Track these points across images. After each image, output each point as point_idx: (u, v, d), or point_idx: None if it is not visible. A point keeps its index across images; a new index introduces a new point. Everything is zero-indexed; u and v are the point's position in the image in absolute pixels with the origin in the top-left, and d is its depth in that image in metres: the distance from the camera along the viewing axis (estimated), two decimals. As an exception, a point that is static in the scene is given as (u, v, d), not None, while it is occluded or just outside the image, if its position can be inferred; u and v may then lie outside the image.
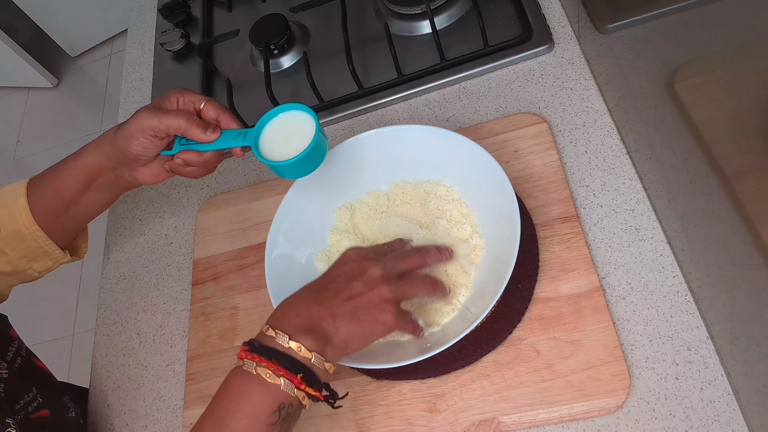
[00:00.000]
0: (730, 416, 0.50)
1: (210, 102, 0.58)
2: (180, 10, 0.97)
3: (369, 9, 0.86)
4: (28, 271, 0.63)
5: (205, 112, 0.58)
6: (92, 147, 0.59)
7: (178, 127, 0.56)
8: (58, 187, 0.60)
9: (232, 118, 0.58)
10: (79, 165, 0.59)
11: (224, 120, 0.58)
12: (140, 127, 0.56)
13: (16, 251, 0.61)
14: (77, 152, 0.60)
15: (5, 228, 0.59)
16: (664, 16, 0.51)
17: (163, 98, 0.59)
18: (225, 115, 0.58)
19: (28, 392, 0.60)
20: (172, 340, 0.72)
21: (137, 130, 0.56)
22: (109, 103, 2.41)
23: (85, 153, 0.59)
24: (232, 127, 0.58)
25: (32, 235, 0.60)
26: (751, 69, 0.40)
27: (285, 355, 0.46)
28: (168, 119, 0.56)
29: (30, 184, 0.60)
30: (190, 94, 0.58)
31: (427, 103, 0.76)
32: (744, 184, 0.44)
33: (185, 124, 0.56)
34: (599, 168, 0.64)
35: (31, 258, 0.62)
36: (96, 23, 2.45)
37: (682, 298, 0.56)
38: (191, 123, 0.56)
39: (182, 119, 0.56)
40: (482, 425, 0.55)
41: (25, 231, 0.59)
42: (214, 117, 0.58)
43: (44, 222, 0.60)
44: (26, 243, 0.60)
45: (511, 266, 0.53)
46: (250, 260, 0.72)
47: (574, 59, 0.72)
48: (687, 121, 0.50)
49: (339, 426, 0.59)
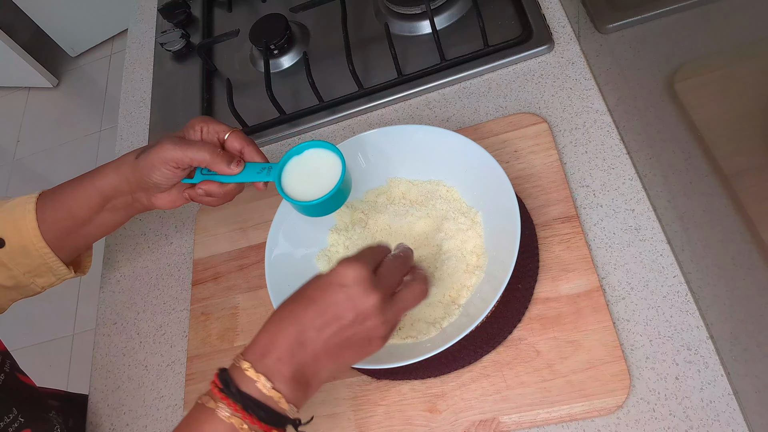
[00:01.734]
0: (730, 416, 0.50)
1: (234, 133, 0.57)
2: (180, 10, 0.97)
3: (369, 9, 0.86)
4: (30, 286, 0.62)
5: (229, 143, 0.57)
6: (110, 169, 0.58)
7: (202, 159, 0.55)
8: (70, 207, 0.59)
9: (256, 151, 0.58)
10: (95, 186, 0.58)
11: (248, 152, 0.57)
12: (163, 158, 0.55)
13: (21, 266, 0.60)
14: (93, 172, 0.59)
15: (11, 243, 0.58)
16: (664, 16, 0.51)
17: (187, 127, 0.58)
18: (249, 148, 0.57)
19: (8, 413, 0.58)
20: (172, 340, 0.72)
21: (160, 160, 0.55)
22: (109, 103, 2.41)
23: (102, 175, 0.58)
24: (256, 160, 0.57)
25: (39, 251, 0.59)
26: (751, 69, 0.40)
27: (264, 407, 0.42)
28: (192, 152, 0.55)
29: (40, 200, 0.59)
30: (215, 124, 0.57)
31: (427, 103, 0.76)
32: (744, 184, 0.44)
33: (209, 157, 0.55)
34: (599, 168, 0.64)
35: (35, 274, 0.61)
36: (96, 23, 2.45)
37: (682, 298, 0.56)
38: (215, 156, 0.55)
39: (206, 152, 0.55)
40: (482, 425, 0.55)
41: (31, 247, 0.58)
42: (238, 149, 0.57)
43: (52, 239, 0.59)
44: (31, 259, 0.59)
45: (511, 266, 0.53)
46: (250, 260, 0.72)
47: (574, 59, 0.72)
48: (687, 121, 0.50)
49: (339, 426, 0.59)
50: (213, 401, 0.42)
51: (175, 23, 0.97)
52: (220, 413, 0.42)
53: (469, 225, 0.61)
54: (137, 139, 0.90)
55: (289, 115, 0.81)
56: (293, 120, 0.81)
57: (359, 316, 0.45)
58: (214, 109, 0.88)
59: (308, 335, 0.44)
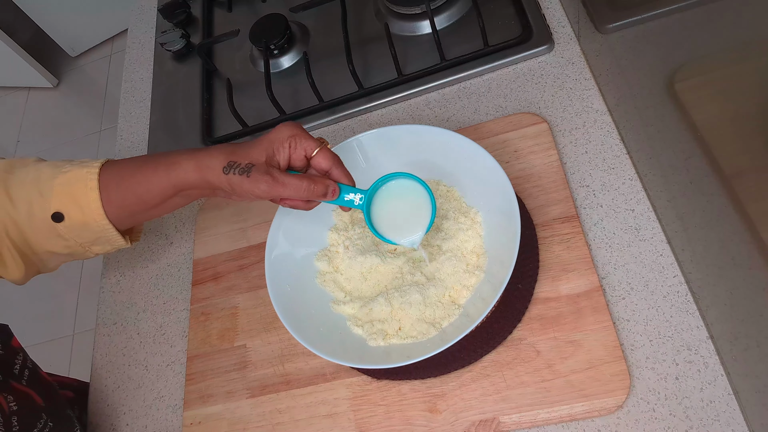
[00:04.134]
0: (730, 416, 0.50)
1: (323, 151, 0.56)
2: (180, 10, 0.97)
3: (369, 9, 0.86)
4: (85, 253, 0.62)
5: (316, 162, 0.56)
6: (190, 167, 0.56)
7: (298, 199, 0.56)
8: (140, 193, 0.57)
9: (344, 173, 0.57)
10: (171, 179, 0.56)
11: (336, 175, 0.57)
12: (256, 194, 0.55)
13: (79, 238, 0.59)
14: (169, 162, 0.56)
15: (71, 218, 0.57)
16: (664, 16, 0.51)
17: (276, 143, 0.56)
18: (338, 171, 0.57)
19: (38, 420, 0.58)
20: (172, 340, 0.72)
21: (253, 195, 0.55)
22: (109, 103, 2.41)
23: (181, 169, 0.56)
24: (344, 182, 0.57)
25: (101, 227, 0.58)
26: (751, 69, 0.40)
27: None
28: (287, 192, 0.54)
29: (103, 177, 0.57)
30: (304, 140, 0.56)
31: (427, 103, 0.76)
32: (744, 184, 0.44)
33: (304, 196, 0.55)
34: (599, 168, 0.64)
35: (93, 243, 0.61)
36: (96, 23, 2.45)
37: (682, 298, 0.56)
38: (310, 194, 0.55)
39: (301, 192, 0.54)
40: (482, 425, 0.55)
41: (93, 224, 0.58)
42: (325, 169, 0.56)
43: (116, 218, 0.59)
44: (91, 233, 0.59)
45: (512, 266, 0.53)
46: (250, 260, 0.72)
47: (574, 59, 0.72)
48: (687, 121, 0.50)
49: (339, 426, 0.59)
50: None
51: (175, 23, 0.97)
52: None
53: (469, 225, 0.61)
54: (137, 139, 0.90)
55: (289, 115, 0.81)
56: (293, 120, 0.81)
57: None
58: (214, 109, 0.88)
59: None
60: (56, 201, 0.56)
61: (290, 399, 0.62)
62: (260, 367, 0.65)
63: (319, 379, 0.62)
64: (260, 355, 0.66)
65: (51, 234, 0.58)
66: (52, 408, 0.61)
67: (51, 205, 0.56)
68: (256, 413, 0.63)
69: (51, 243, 0.59)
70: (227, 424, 0.63)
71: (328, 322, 0.61)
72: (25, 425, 0.56)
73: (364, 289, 0.63)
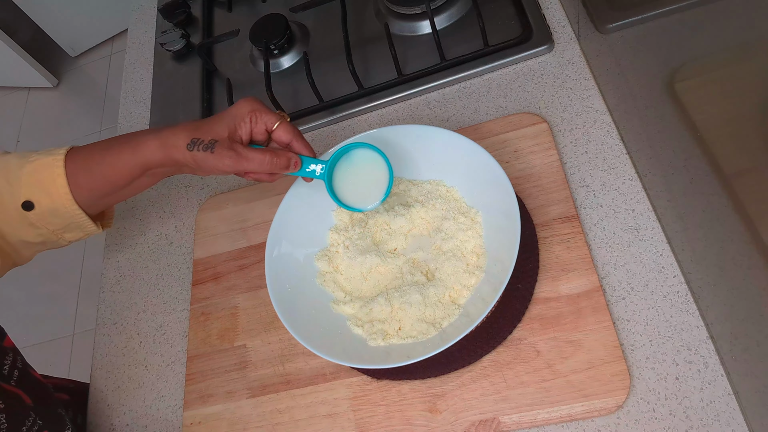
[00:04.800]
0: (730, 416, 0.50)
1: (283, 125, 0.58)
2: (180, 10, 0.97)
3: (369, 9, 0.86)
4: (58, 241, 0.63)
5: (277, 135, 0.59)
6: (155, 145, 0.57)
7: (261, 172, 0.58)
8: (108, 175, 0.58)
9: (304, 144, 0.59)
10: (138, 159, 0.57)
11: (297, 146, 0.59)
12: (220, 169, 0.57)
13: (50, 225, 0.60)
14: (133, 142, 0.58)
15: (40, 206, 0.58)
16: (664, 16, 0.51)
17: (237, 118, 0.58)
18: (298, 142, 0.59)
19: (27, 419, 0.58)
20: (172, 340, 0.72)
21: (216, 170, 0.57)
22: (109, 103, 2.41)
23: (146, 148, 0.57)
24: (305, 154, 0.59)
25: (69, 212, 0.59)
26: (751, 69, 0.40)
27: None
28: (250, 166, 0.57)
29: (70, 162, 0.58)
30: (264, 114, 0.58)
31: (427, 103, 0.76)
32: (744, 184, 0.44)
33: (267, 169, 0.57)
34: (599, 168, 0.64)
35: (64, 230, 0.61)
36: (96, 23, 2.45)
37: (682, 298, 0.56)
38: (273, 166, 0.57)
39: (263, 165, 0.57)
40: (482, 425, 0.55)
41: (62, 209, 0.59)
42: (286, 141, 0.59)
43: (85, 202, 0.59)
44: (61, 219, 0.60)
45: (512, 266, 0.53)
46: (250, 260, 0.72)
47: (574, 59, 0.72)
48: (687, 121, 0.50)
49: (339, 426, 0.59)
50: None
51: (175, 23, 0.97)
52: None
53: (469, 225, 0.61)
54: (137, 139, 0.90)
55: (289, 115, 0.81)
56: (293, 120, 0.81)
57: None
58: (214, 109, 0.88)
59: None
60: (25, 190, 0.57)
61: (290, 399, 0.62)
62: (260, 367, 0.65)
63: (319, 379, 0.62)
64: (260, 355, 0.66)
65: (23, 223, 0.59)
66: (42, 408, 0.61)
67: (20, 194, 0.57)
68: (256, 413, 0.63)
69: (23, 232, 0.59)
70: (227, 424, 0.63)
71: (328, 322, 0.61)
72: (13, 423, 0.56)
73: (364, 289, 0.63)
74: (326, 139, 0.79)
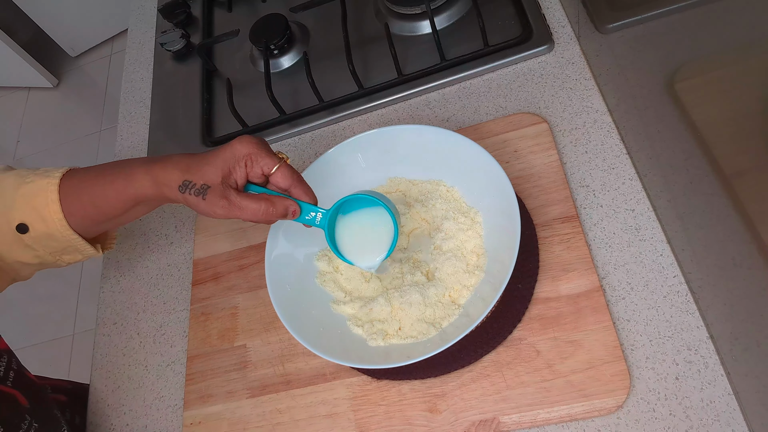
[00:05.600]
0: (730, 416, 0.50)
1: (281, 169, 0.54)
2: (180, 10, 0.97)
3: (369, 9, 0.86)
4: (56, 262, 0.62)
5: (274, 180, 0.55)
6: (147, 181, 0.55)
7: (257, 221, 0.54)
8: (100, 205, 0.57)
9: (304, 191, 0.55)
10: (129, 192, 0.56)
11: (296, 192, 0.55)
12: (211, 216, 0.54)
13: (47, 248, 0.59)
14: (127, 175, 0.56)
15: (35, 229, 0.57)
16: (664, 16, 0.51)
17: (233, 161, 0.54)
18: (297, 189, 0.55)
19: (22, 421, 0.58)
20: (172, 340, 0.72)
21: (207, 215, 0.54)
22: (109, 103, 2.41)
23: (138, 183, 0.55)
24: (304, 200, 0.56)
25: (66, 237, 0.58)
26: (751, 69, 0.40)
27: None
28: (244, 215, 0.54)
29: (63, 188, 0.57)
30: (260, 158, 0.54)
31: (427, 103, 0.76)
32: (744, 184, 0.44)
33: (262, 220, 0.54)
34: (599, 168, 0.64)
35: (62, 253, 0.61)
36: (96, 23, 2.45)
37: (682, 298, 0.56)
38: (268, 216, 0.54)
39: (260, 215, 0.54)
40: (482, 425, 0.55)
41: (58, 235, 0.58)
42: (284, 188, 0.55)
43: (79, 227, 0.59)
44: (58, 243, 0.59)
45: (512, 266, 0.53)
46: (250, 260, 0.72)
47: (574, 59, 0.72)
48: (687, 121, 0.50)
49: (339, 426, 0.59)
50: None
51: (175, 23, 0.97)
52: None
53: (469, 225, 0.61)
54: (137, 139, 0.90)
55: (289, 115, 0.81)
56: (293, 120, 0.81)
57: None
58: (214, 109, 0.88)
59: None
60: (19, 212, 0.56)
61: (290, 399, 0.62)
62: (260, 367, 0.65)
63: (319, 379, 0.62)
64: (260, 355, 0.66)
65: (18, 245, 0.58)
66: (38, 409, 0.61)
67: (15, 216, 0.56)
68: (256, 413, 0.63)
69: (19, 253, 0.59)
70: (227, 424, 0.63)
71: (328, 322, 0.61)
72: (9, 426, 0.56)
73: (364, 289, 0.63)
74: (326, 139, 0.79)
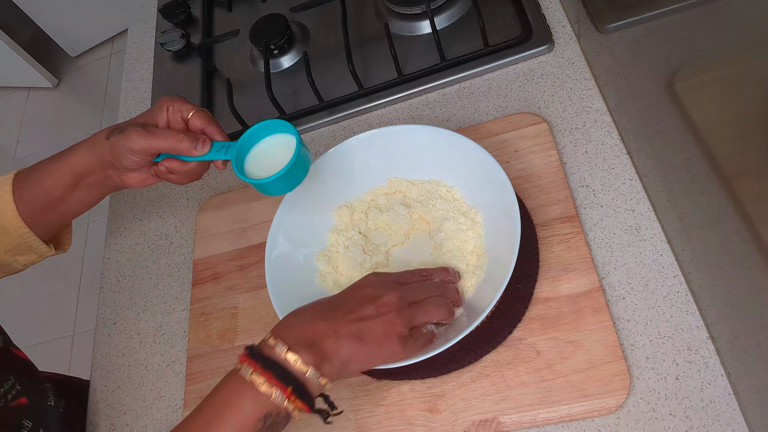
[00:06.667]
0: (730, 416, 0.50)
1: (197, 113, 0.59)
2: (180, 10, 0.97)
3: (369, 9, 0.86)
4: (12, 264, 0.64)
5: (192, 122, 0.59)
6: (84, 147, 0.60)
7: (168, 147, 0.57)
8: (45, 185, 0.60)
9: (218, 131, 0.59)
10: (70, 164, 0.59)
11: (210, 131, 0.59)
12: (131, 148, 0.57)
13: (1, 246, 0.61)
14: (68, 151, 0.60)
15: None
16: (664, 16, 0.51)
17: (155, 108, 0.59)
18: (211, 128, 0.59)
19: (6, 380, 0.60)
20: (172, 340, 0.72)
21: (128, 150, 0.57)
22: (109, 103, 2.41)
23: (76, 153, 0.60)
24: (217, 139, 0.59)
25: (17, 231, 0.60)
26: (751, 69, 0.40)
27: (279, 365, 0.47)
28: (157, 141, 0.57)
29: (17, 179, 0.60)
30: (180, 103, 0.59)
31: (427, 103, 0.76)
32: (744, 184, 0.44)
33: (173, 145, 0.57)
34: (599, 168, 0.64)
35: (16, 252, 0.62)
36: (96, 23, 2.45)
37: (682, 298, 0.56)
38: (179, 143, 0.57)
39: (170, 140, 0.57)
40: (482, 425, 0.55)
41: (9, 227, 0.60)
42: (200, 128, 0.59)
43: (29, 218, 0.60)
44: (11, 238, 0.61)
45: (512, 266, 0.53)
46: (250, 260, 0.72)
47: (574, 59, 0.72)
48: (687, 121, 0.50)
49: (339, 426, 0.59)
50: (240, 365, 0.48)
51: (175, 23, 0.97)
52: (242, 372, 0.47)
53: (469, 225, 0.61)
54: (137, 139, 0.90)
55: (289, 115, 0.81)
56: (293, 120, 0.81)
57: (379, 305, 0.51)
58: (214, 110, 0.88)
59: (332, 313, 0.50)
60: None
61: (290, 399, 0.62)
62: (260, 367, 0.65)
63: (319, 379, 0.62)
64: (260, 355, 0.66)
65: None
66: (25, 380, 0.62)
67: None
68: (256, 413, 0.63)
69: None
70: (227, 424, 0.63)
71: (328, 322, 0.61)
72: None
73: (364, 289, 0.63)
74: (326, 139, 0.79)
